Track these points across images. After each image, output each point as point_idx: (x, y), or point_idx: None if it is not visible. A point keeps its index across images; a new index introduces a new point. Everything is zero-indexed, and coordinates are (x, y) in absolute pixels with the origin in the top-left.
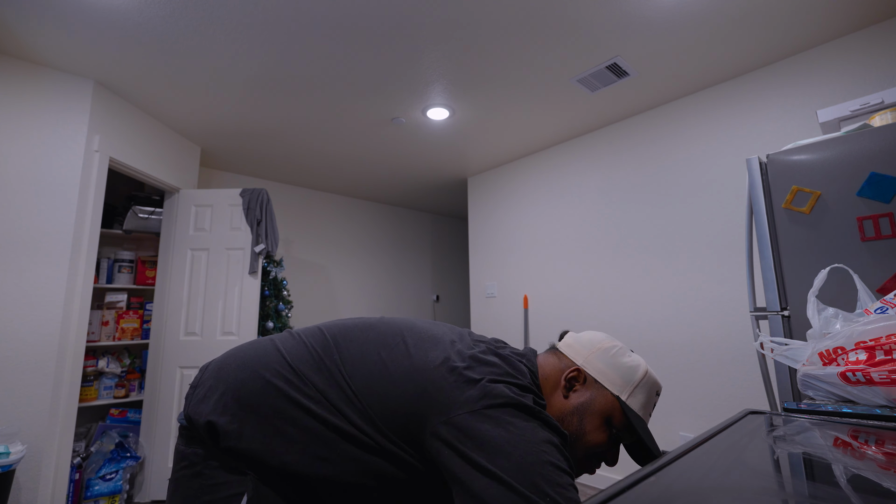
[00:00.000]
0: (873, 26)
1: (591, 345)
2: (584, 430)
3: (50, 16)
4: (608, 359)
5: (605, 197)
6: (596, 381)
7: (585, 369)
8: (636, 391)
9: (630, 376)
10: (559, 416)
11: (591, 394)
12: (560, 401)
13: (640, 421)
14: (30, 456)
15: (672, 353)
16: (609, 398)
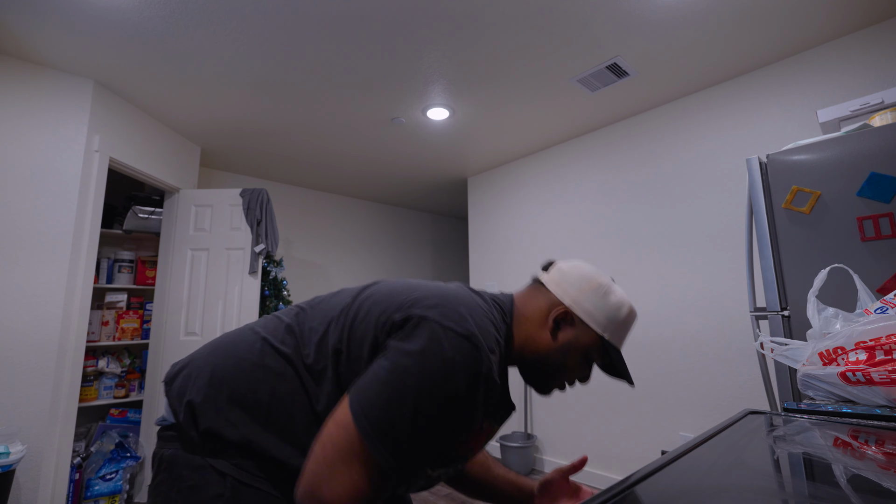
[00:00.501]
0: (873, 26)
1: (580, 283)
2: (567, 365)
3: (50, 16)
4: (596, 300)
5: (605, 197)
6: (582, 321)
7: (573, 310)
8: (618, 328)
9: (615, 316)
10: (545, 352)
11: (576, 333)
12: (546, 339)
13: (618, 353)
14: (30, 456)
15: (672, 352)
16: (593, 336)
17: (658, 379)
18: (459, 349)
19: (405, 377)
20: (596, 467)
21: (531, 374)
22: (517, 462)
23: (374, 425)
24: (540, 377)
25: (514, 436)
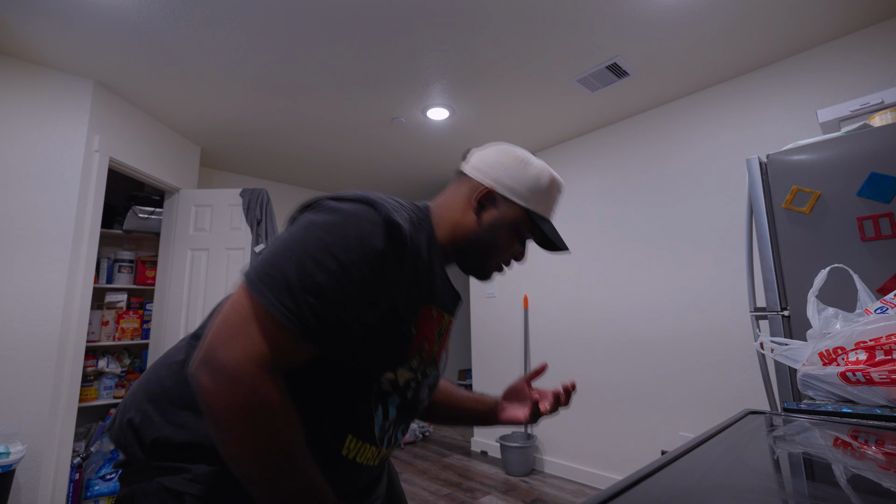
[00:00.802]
0: (873, 26)
1: (497, 163)
2: (497, 243)
3: (50, 16)
4: (515, 173)
5: (605, 196)
6: (505, 198)
7: (494, 188)
8: (542, 198)
9: (536, 186)
10: (474, 234)
11: (501, 211)
12: (472, 220)
13: (548, 224)
14: (30, 456)
15: (672, 352)
16: (518, 211)
17: (658, 379)
18: (353, 205)
19: (294, 232)
20: (596, 467)
21: (466, 261)
22: (517, 462)
23: (261, 274)
24: (475, 262)
25: (514, 436)
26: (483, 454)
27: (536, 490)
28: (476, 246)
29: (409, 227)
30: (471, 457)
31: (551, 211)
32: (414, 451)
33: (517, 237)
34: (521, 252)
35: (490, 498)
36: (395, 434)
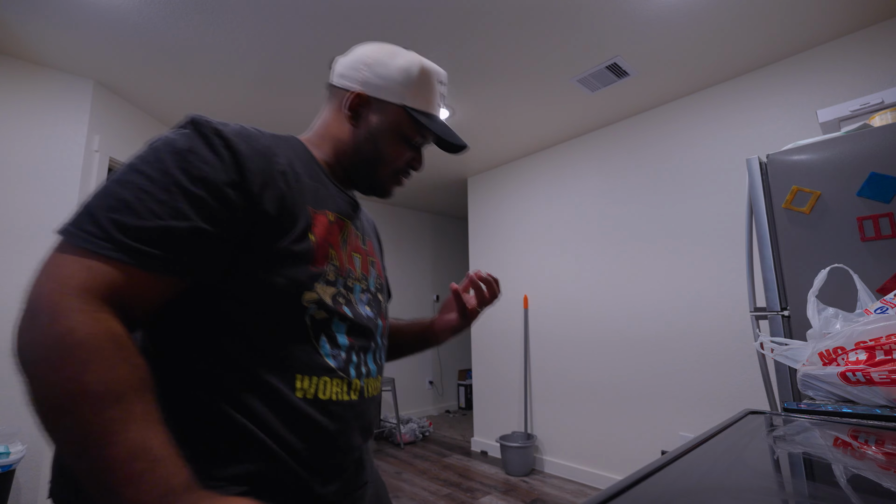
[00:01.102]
0: (873, 26)
1: (361, 63)
2: (382, 151)
3: (50, 16)
4: (381, 70)
5: (605, 196)
6: (378, 98)
7: (364, 91)
8: (418, 91)
9: (407, 78)
10: (354, 145)
11: (377, 114)
12: (348, 130)
13: (430, 118)
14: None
15: (672, 352)
16: (395, 110)
17: (658, 379)
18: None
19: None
20: (596, 467)
21: (358, 179)
22: (517, 462)
23: (73, 215)
24: (366, 177)
25: (514, 436)
26: (483, 454)
27: (536, 490)
28: (360, 158)
29: (241, 130)
30: (471, 457)
31: (433, 104)
32: (414, 451)
33: (403, 141)
34: (416, 159)
35: (490, 498)
36: (364, 361)
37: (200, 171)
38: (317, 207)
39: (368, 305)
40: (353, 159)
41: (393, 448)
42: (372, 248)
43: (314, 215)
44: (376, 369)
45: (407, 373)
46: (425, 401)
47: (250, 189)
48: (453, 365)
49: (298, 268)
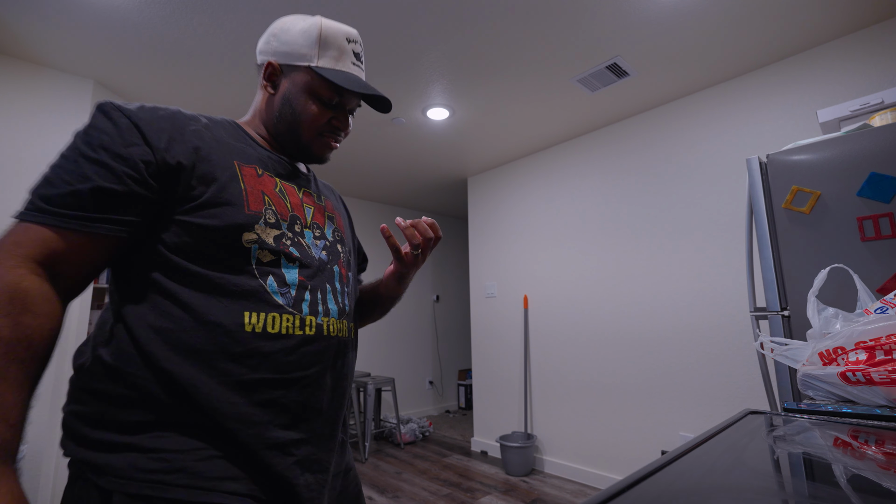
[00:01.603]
0: (873, 26)
1: (270, 35)
2: (298, 114)
3: (50, 16)
4: (286, 37)
5: (605, 197)
6: (287, 65)
7: (274, 60)
8: (322, 51)
9: (308, 39)
10: (276, 114)
11: (289, 79)
12: (270, 101)
13: (339, 74)
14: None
15: (672, 353)
16: (303, 71)
17: (658, 378)
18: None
19: None
20: (596, 467)
21: (286, 145)
22: (517, 462)
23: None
24: (291, 142)
25: (514, 436)
26: (483, 454)
27: (536, 490)
28: (282, 124)
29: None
30: (471, 457)
31: (341, 61)
32: (414, 451)
33: (317, 100)
34: (336, 118)
35: (490, 498)
36: (321, 300)
37: (100, 140)
38: (244, 161)
39: (325, 251)
40: (277, 127)
41: (393, 448)
42: (332, 207)
43: (241, 167)
44: (338, 310)
45: (407, 373)
46: (425, 401)
47: (155, 145)
48: (453, 365)
49: (233, 210)
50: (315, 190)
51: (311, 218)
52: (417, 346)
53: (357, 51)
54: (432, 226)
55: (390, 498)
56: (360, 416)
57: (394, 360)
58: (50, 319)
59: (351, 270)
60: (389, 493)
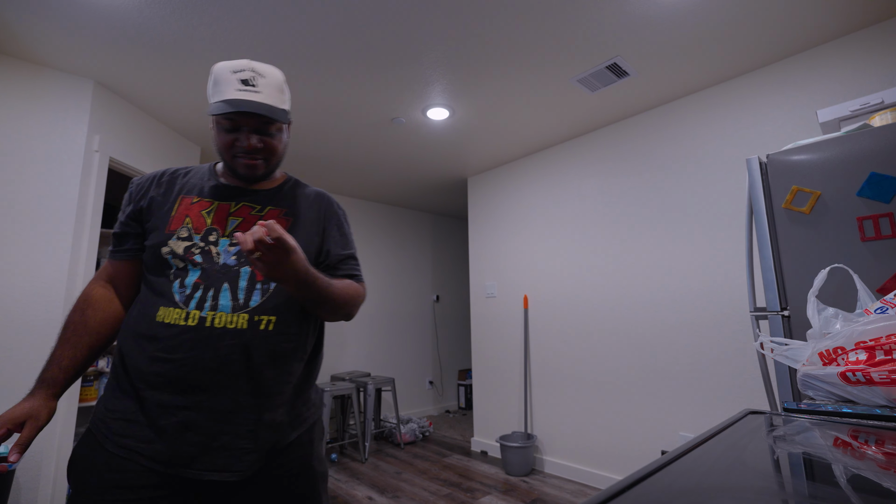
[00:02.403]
0: (873, 26)
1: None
2: (217, 144)
3: (50, 16)
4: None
5: (604, 196)
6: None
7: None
8: (214, 89)
9: (209, 86)
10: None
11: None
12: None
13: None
14: (30, 456)
15: (672, 353)
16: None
17: (658, 379)
18: None
19: None
20: (596, 467)
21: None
22: (517, 462)
23: None
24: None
25: (513, 436)
26: (483, 454)
27: (536, 490)
28: (217, 151)
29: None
30: (471, 457)
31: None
32: (414, 451)
33: (222, 130)
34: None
35: (490, 498)
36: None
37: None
38: (186, 194)
39: (235, 256)
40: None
41: (393, 448)
42: (278, 214)
43: (182, 199)
44: (231, 306)
45: (407, 373)
46: (425, 401)
47: (136, 200)
48: (453, 365)
49: (160, 231)
50: (260, 202)
51: (234, 228)
52: (417, 346)
53: (245, 77)
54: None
55: (390, 498)
56: (360, 416)
57: (394, 360)
58: (105, 313)
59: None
60: (389, 493)
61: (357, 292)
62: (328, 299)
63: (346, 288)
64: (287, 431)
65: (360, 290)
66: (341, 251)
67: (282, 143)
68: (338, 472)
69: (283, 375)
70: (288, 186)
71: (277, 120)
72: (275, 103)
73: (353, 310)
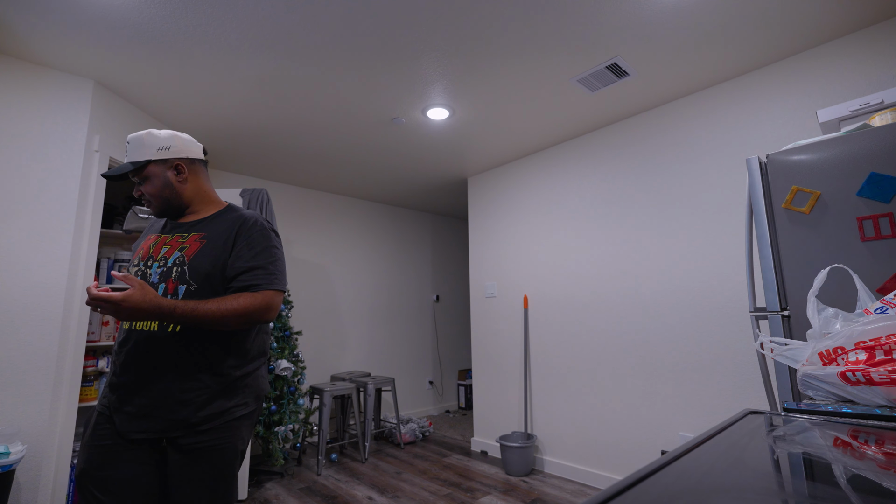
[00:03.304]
0: (873, 26)
1: None
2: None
3: (50, 16)
4: None
5: (604, 196)
6: None
7: None
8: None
9: None
10: None
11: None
12: None
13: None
14: (30, 456)
15: (672, 353)
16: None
17: (658, 379)
18: None
19: None
20: (596, 467)
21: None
22: (517, 462)
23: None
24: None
25: (513, 436)
26: (483, 454)
27: (536, 490)
28: None
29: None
30: (471, 457)
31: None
32: (414, 451)
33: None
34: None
35: (490, 498)
36: None
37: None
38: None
39: (159, 275)
40: None
41: (393, 448)
42: (191, 240)
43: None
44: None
45: (407, 373)
46: (425, 401)
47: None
48: (453, 365)
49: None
50: (187, 231)
51: (163, 254)
52: (417, 346)
53: (126, 148)
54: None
55: (390, 498)
56: (360, 416)
57: (394, 360)
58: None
59: (184, 283)
60: (389, 493)
61: (239, 304)
62: (195, 320)
63: (236, 309)
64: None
65: (243, 302)
66: (243, 264)
67: (156, 185)
68: (338, 472)
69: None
70: (217, 214)
71: (129, 170)
72: (133, 158)
73: (251, 320)
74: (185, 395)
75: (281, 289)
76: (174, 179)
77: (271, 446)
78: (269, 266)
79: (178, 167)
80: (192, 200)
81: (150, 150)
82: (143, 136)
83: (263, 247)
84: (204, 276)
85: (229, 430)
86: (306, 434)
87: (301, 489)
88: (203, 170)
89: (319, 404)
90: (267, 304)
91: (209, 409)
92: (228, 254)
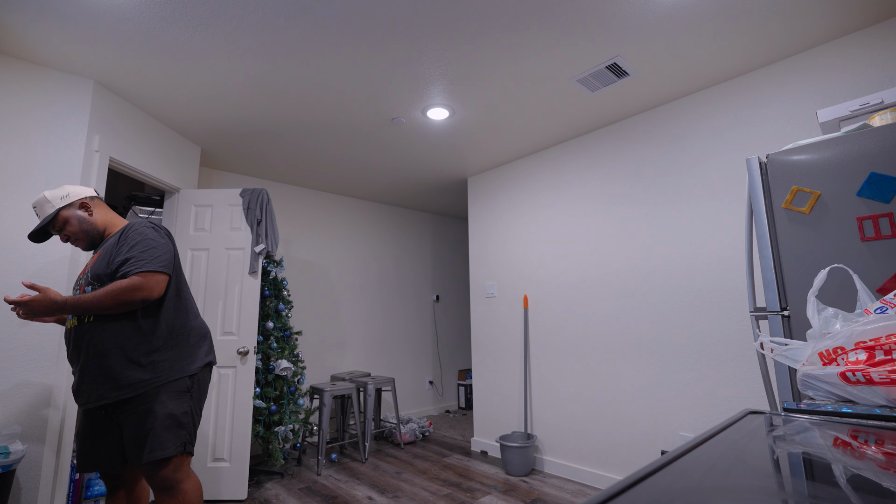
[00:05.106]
0: (873, 26)
1: None
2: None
3: (50, 16)
4: None
5: (604, 197)
6: None
7: None
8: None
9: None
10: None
11: None
12: None
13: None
14: (30, 456)
15: (672, 353)
16: None
17: (658, 379)
18: None
19: None
20: (596, 467)
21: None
22: (517, 462)
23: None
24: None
25: (513, 436)
26: (483, 454)
27: (536, 490)
28: None
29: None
30: (471, 457)
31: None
32: (414, 451)
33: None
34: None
35: (490, 498)
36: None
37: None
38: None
39: (78, 286)
40: None
41: (393, 448)
42: (100, 253)
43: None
44: (72, 316)
45: (407, 373)
46: (425, 401)
47: None
48: (453, 365)
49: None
50: (97, 249)
51: (85, 269)
52: (417, 346)
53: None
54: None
55: (390, 498)
56: (360, 416)
57: (394, 360)
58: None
59: (90, 285)
60: (389, 493)
61: (110, 288)
62: (82, 307)
63: (107, 292)
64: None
65: (113, 286)
66: (120, 258)
67: (74, 225)
68: (338, 471)
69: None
70: (116, 233)
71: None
72: (45, 213)
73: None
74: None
75: (149, 270)
76: (85, 215)
77: (271, 446)
78: (139, 255)
79: (83, 205)
80: (105, 227)
81: (55, 202)
82: (42, 197)
83: (136, 241)
84: (98, 277)
85: (146, 397)
86: (306, 434)
87: (301, 489)
88: (102, 202)
89: (319, 404)
90: (134, 285)
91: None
92: (115, 256)
